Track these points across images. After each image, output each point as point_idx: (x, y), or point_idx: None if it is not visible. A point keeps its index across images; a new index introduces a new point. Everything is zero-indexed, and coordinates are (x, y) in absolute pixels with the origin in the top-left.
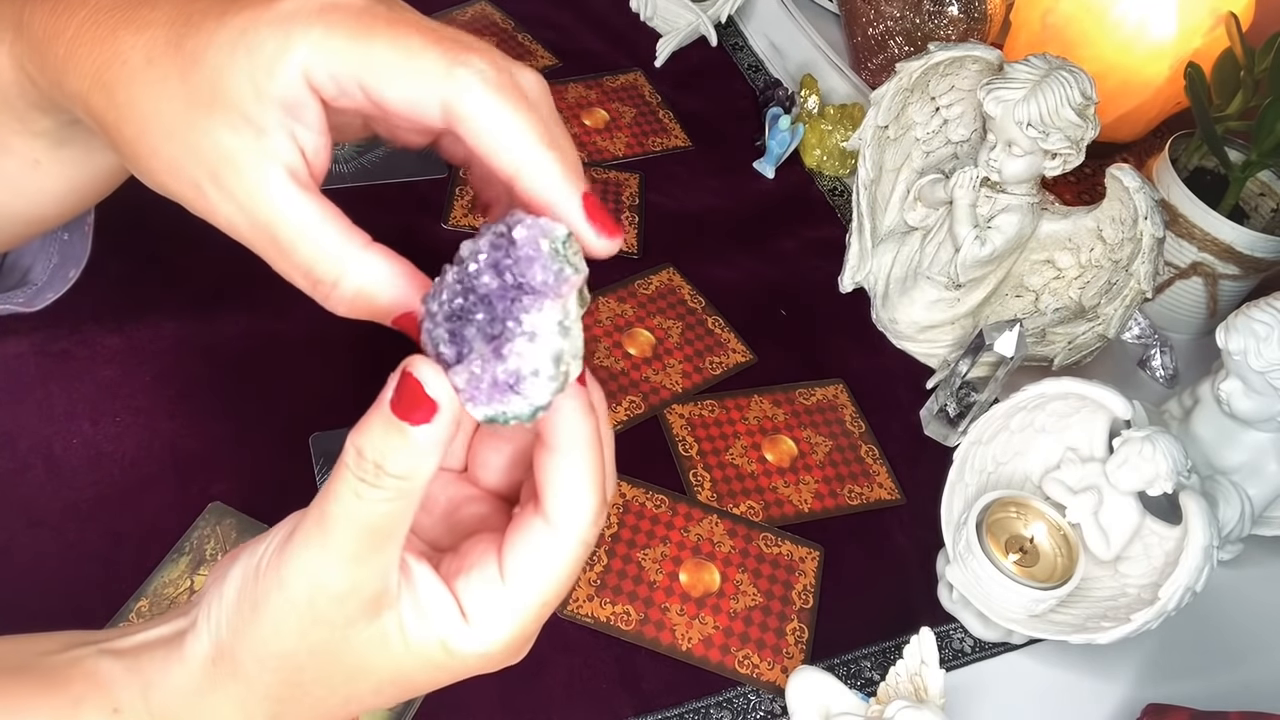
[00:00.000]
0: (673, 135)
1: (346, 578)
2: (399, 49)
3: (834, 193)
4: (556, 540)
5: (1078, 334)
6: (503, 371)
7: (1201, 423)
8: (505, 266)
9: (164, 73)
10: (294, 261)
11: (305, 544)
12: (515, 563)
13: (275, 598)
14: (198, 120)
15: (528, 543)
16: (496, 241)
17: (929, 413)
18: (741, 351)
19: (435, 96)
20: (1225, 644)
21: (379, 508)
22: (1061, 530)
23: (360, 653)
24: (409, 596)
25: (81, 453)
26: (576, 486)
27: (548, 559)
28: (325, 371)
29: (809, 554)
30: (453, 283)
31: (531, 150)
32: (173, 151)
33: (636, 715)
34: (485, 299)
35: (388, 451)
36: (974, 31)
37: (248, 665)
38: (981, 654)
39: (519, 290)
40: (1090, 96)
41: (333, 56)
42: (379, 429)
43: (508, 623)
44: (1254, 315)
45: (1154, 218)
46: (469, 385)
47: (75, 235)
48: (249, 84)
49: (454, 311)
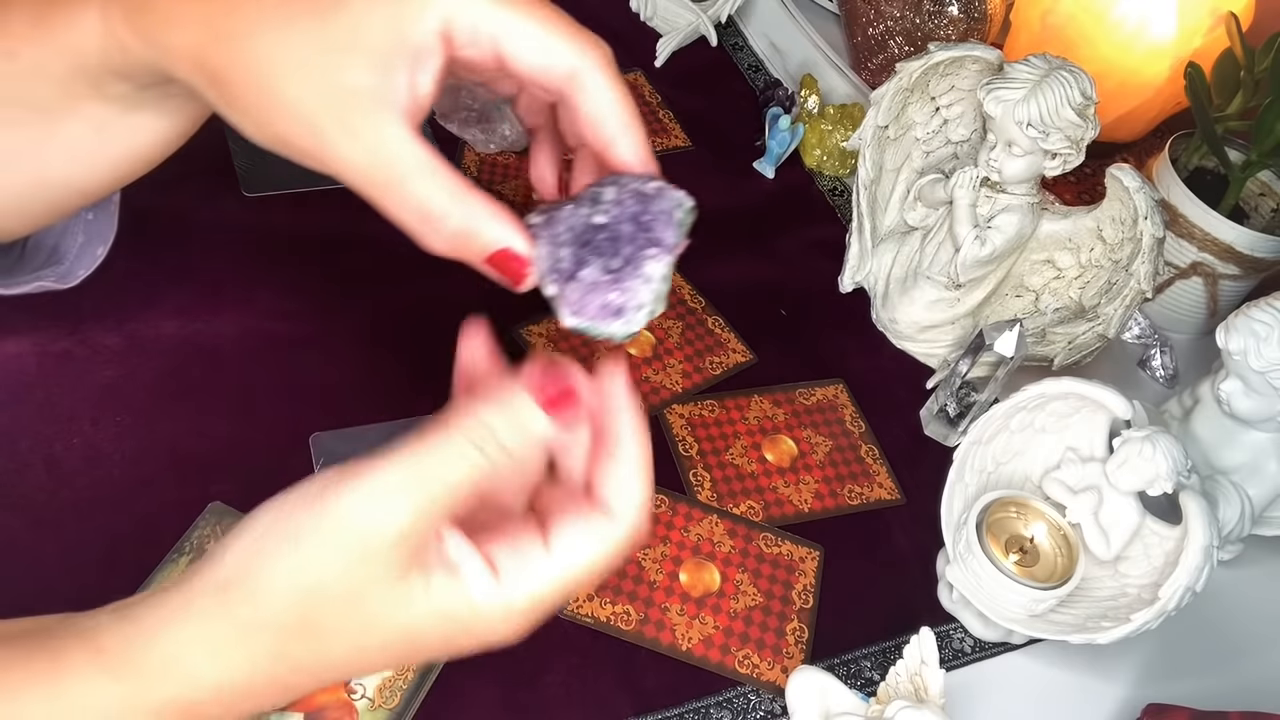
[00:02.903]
0: (673, 135)
1: (412, 524)
2: (539, 21)
3: (834, 193)
4: (612, 525)
5: (1078, 334)
6: (616, 298)
7: (1201, 423)
8: (643, 220)
9: (297, 16)
10: (407, 198)
11: (380, 485)
12: (564, 538)
13: (326, 527)
14: (332, 61)
15: (581, 523)
16: (640, 197)
17: (929, 413)
18: (741, 351)
19: (565, 67)
20: (1225, 644)
21: (474, 474)
22: (1061, 530)
23: (382, 602)
24: (437, 554)
25: (81, 453)
26: (632, 477)
27: (599, 540)
28: (325, 371)
29: (809, 554)
30: (586, 216)
31: (629, 125)
32: (298, 93)
33: (636, 715)
34: (615, 238)
35: (516, 431)
36: (974, 31)
37: (267, 594)
38: (981, 654)
39: (648, 241)
40: (1090, 96)
41: (477, 14)
42: (518, 409)
43: (540, 586)
44: (1254, 315)
45: (1154, 218)
46: (578, 298)
47: (101, 215)
48: (392, 30)
49: (582, 239)
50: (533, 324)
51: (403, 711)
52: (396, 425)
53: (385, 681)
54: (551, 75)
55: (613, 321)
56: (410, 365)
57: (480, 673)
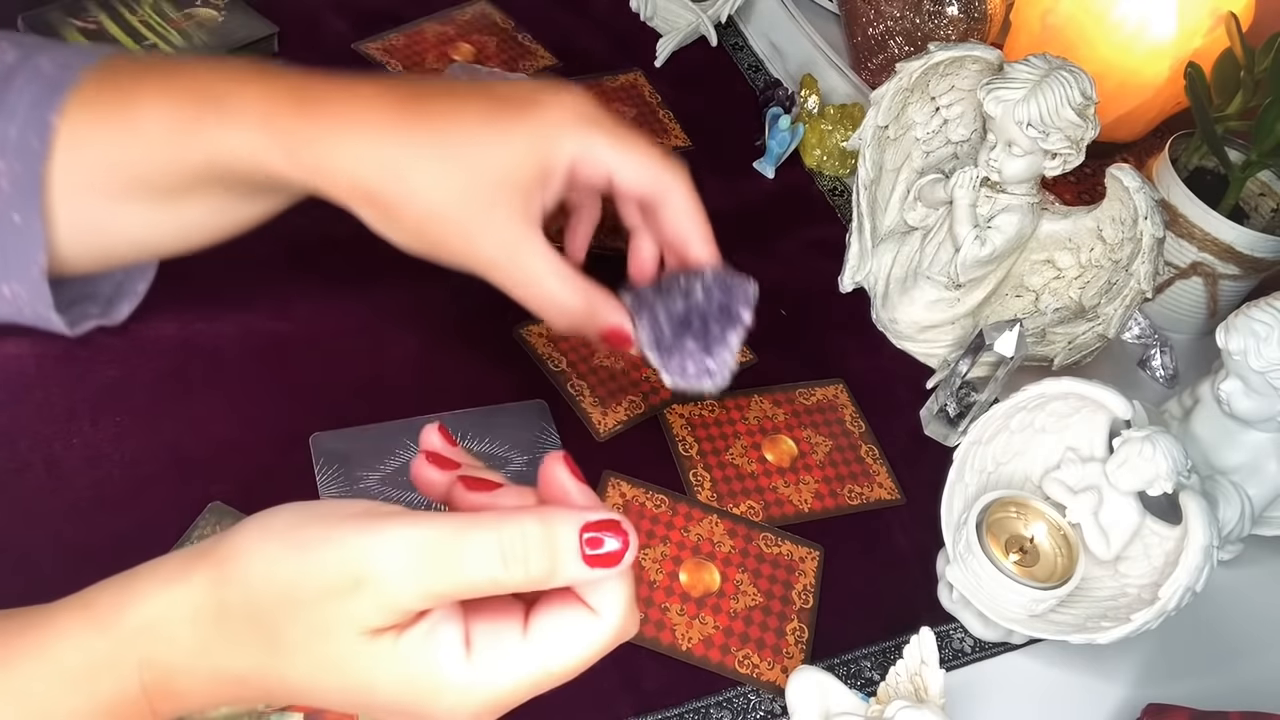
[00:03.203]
0: (673, 135)
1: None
2: (642, 153)
3: (834, 193)
4: (594, 623)
5: (1078, 334)
6: (710, 364)
7: (1201, 423)
8: (724, 305)
9: (453, 153)
10: (542, 293)
11: (402, 548)
12: (544, 629)
13: (331, 556)
14: (487, 190)
15: (563, 617)
16: (723, 288)
17: (929, 413)
18: (741, 351)
19: (656, 184)
20: (1225, 644)
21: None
22: (1061, 530)
23: (348, 646)
24: (419, 615)
25: (81, 453)
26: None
27: (579, 637)
28: (325, 371)
29: (809, 554)
30: (679, 301)
31: (703, 228)
32: (456, 215)
33: (636, 715)
34: (704, 319)
35: (545, 561)
36: (974, 31)
37: (254, 589)
38: (981, 654)
39: (730, 320)
40: (1090, 96)
41: (598, 150)
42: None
43: (508, 676)
44: (1254, 315)
45: (1154, 218)
46: (678, 365)
47: None
48: (536, 165)
49: (680, 320)
50: (533, 324)
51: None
52: (396, 425)
53: None
54: (648, 191)
55: (706, 380)
56: (410, 365)
57: None
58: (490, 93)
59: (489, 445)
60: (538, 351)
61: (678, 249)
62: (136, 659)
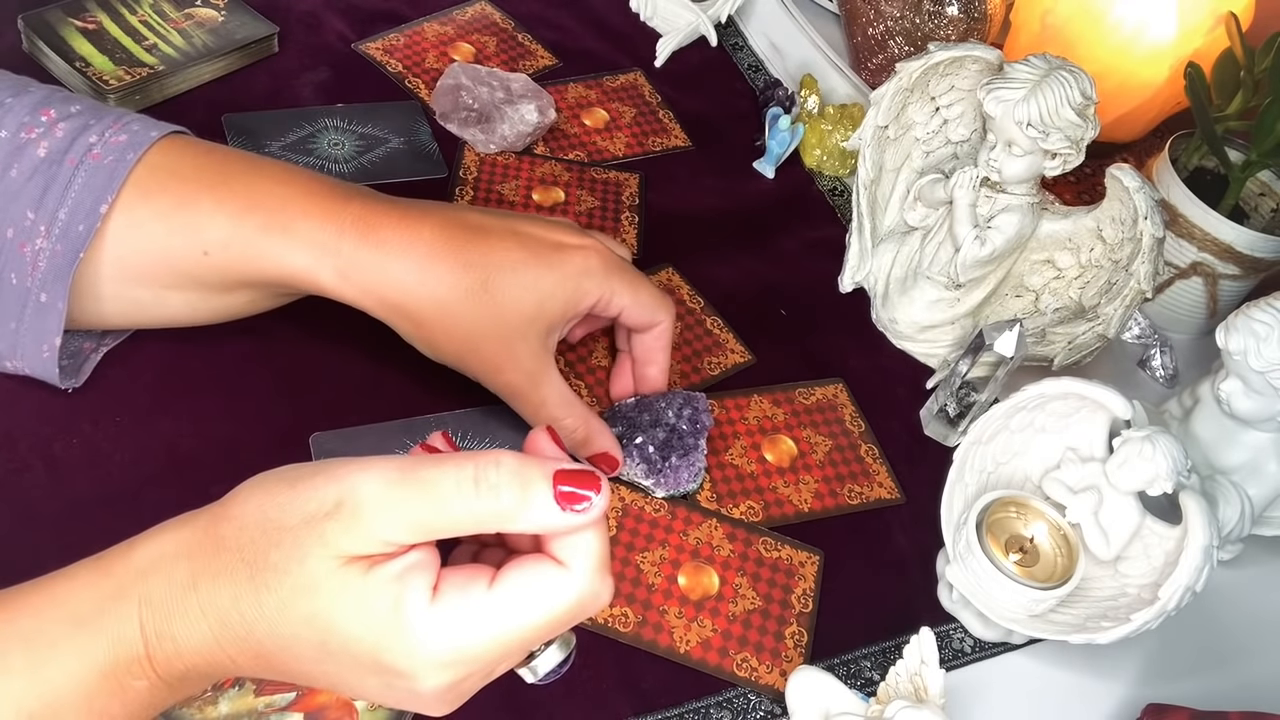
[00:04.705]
0: (673, 135)
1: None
2: (648, 294)
3: (834, 193)
4: (563, 576)
5: (1078, 334)
6: (687, 473)
7: (1201, 423)
8: (693, 419)
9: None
10: (549, 417)
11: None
12: (511, 580)
13: (320, 481)
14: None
15: (531, 569)
16: (690, 405)
17: (929, 413)
18: (740, 352)
19: (653, 318)
20: (1225, 644)
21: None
22: (1061, 530)
23: (323, 568)
24: (394, 554)
25: (81, 453)
26: (590, 538)
27: (544, 588)
28: (325, 371)
29: (809, 558)
30: (661, 430)
31: (668, 353)
32: (487, 345)
33: (636, 715)
34: (680, 436)
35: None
36: (974, 31)
37: (244, 518)
38: (981, 654)
39: (699, 429)
40: (1090, 96)
41: (615, 295)
42: (537, 484)
43: (470, 623)
44: (1254, 315)
45: (1154, 218)
46: (665, 478)
47: None
48: (564, 311)
49: (662, 442)
50: None
51: (403, 711)
52: (396, 425)
53: None
54: (645, 322)
55: (689, 485)
56: (410, 365)
57: None
58: (526, 234)
59: (489, 445)
60: None
61: (641, 366)
62: (137, 595)
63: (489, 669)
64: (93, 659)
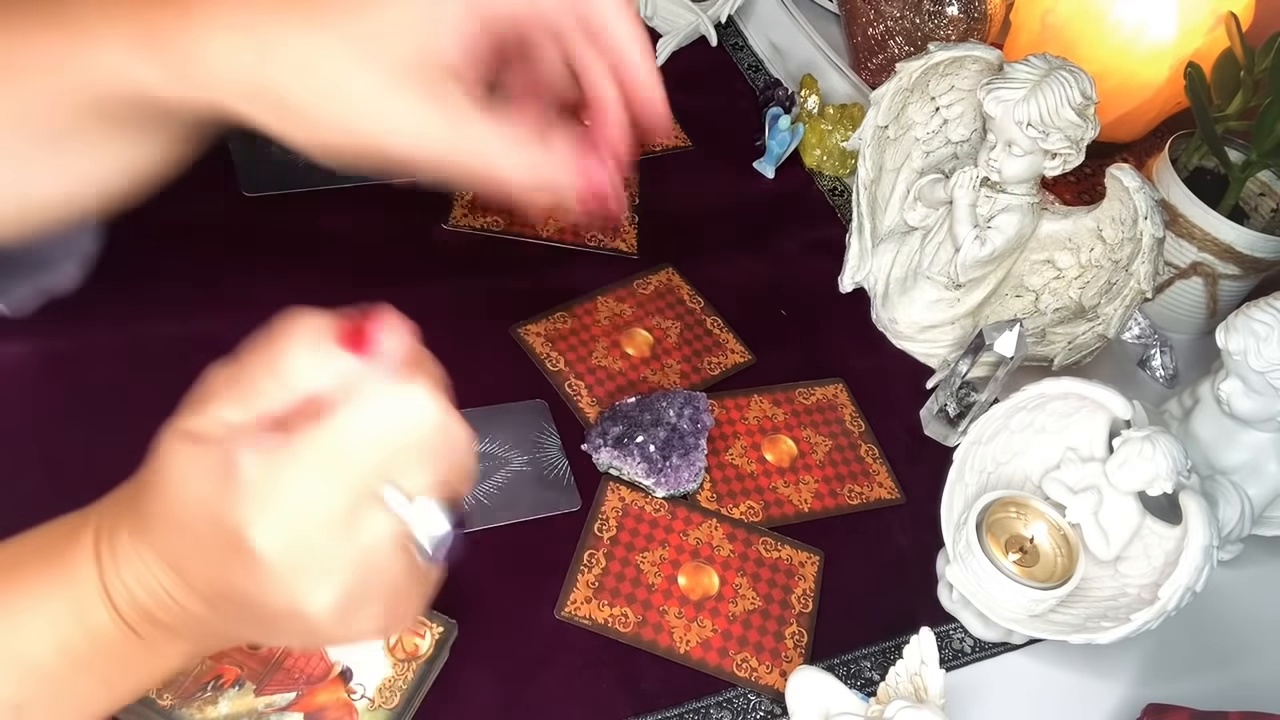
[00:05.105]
0: (673, 135)
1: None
2: None
3: (834, 193)
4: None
5: (1078, 334)
6: (688, 472)
7: (1201, 423)
8: (694, 418)
9: (332, 24)
10: (485, 166)
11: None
12: None
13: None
14: (379, 47)
15: None
16: (690, 404)
17: (929, 413)
18: (740, 352)
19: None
20: (1225, 644)
21: None
22: (1061, 530)
23: (166, 455)
24: None
25: (81, 453)
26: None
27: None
28: None
29: (809, 559)
30: (657, 425)
31: (642, 47)
32: (361, 90)
33: (636, 715)
34: (680, 434)
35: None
36: (974, 31)
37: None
38: (981, 654)
39: (699, 431)
40: (1090, 96)
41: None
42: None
43: (285, 456)
44: (1254, 315)
45: (1154, 218)
46: (666, 478)
47: None
48: (439, 22)
49: (663, 442)
50: (531, 324)
51: (403, 711)
52: None
53: (385, 681)
54: (568, 7)
55: (688, 484)
56: None
57: (480, 672)
58: None
59: (489, 445)
60: (536, 351)
61: (614, 67)
62: (93, 525)
63: (338, 524)
64: (53, 581)
